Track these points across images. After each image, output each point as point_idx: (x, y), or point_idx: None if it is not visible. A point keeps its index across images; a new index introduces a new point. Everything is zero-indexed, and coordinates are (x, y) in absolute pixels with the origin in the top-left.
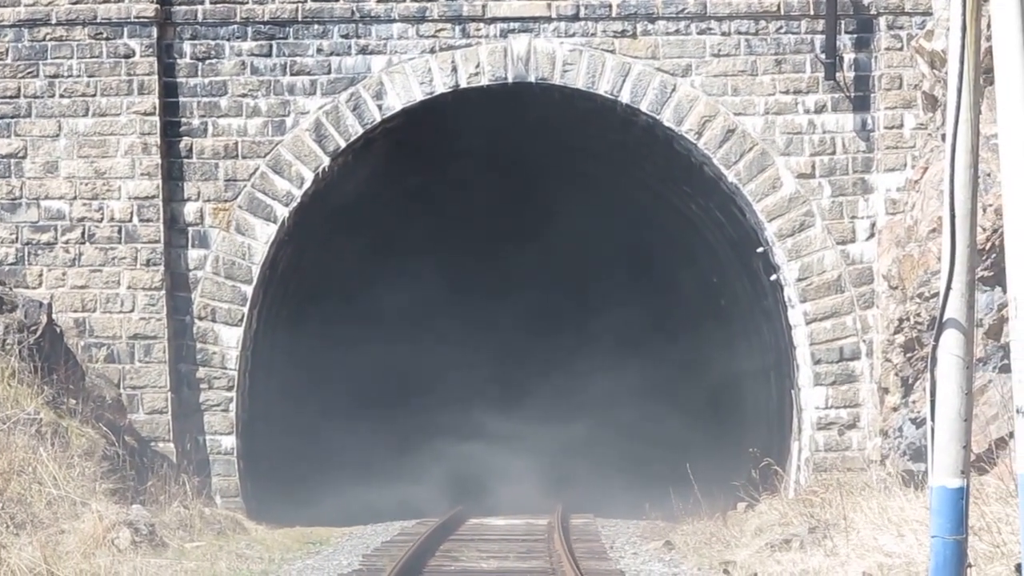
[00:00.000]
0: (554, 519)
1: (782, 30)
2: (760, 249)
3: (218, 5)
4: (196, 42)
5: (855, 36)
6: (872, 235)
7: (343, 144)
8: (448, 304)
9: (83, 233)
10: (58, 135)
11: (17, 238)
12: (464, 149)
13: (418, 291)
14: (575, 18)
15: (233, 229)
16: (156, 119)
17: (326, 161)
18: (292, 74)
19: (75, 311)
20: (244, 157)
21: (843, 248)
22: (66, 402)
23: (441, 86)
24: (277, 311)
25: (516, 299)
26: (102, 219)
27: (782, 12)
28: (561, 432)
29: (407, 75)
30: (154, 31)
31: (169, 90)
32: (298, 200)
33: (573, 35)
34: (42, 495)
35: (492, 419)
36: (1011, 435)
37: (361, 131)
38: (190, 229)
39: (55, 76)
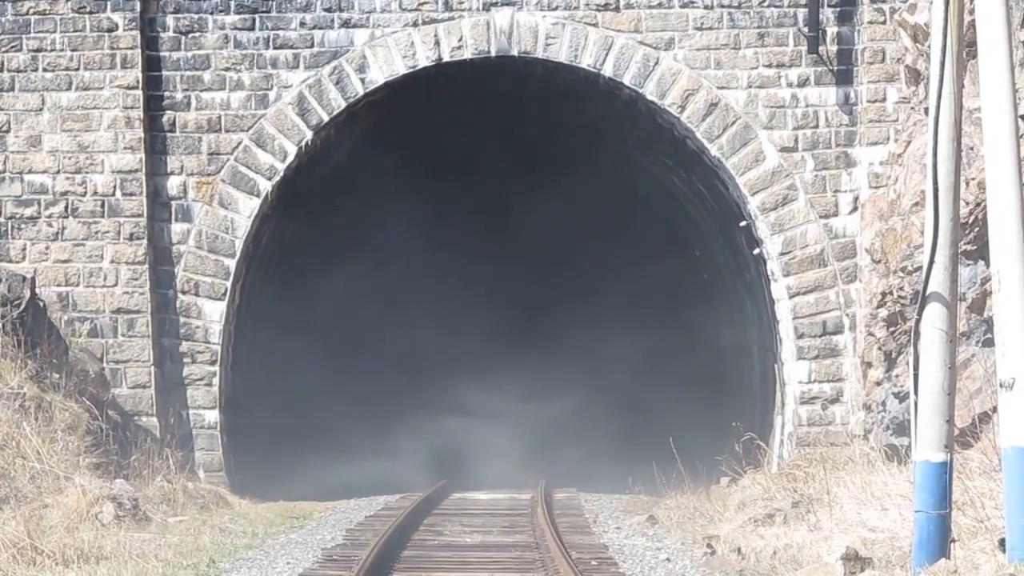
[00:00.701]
0: (537, 493)
1: (765, 3)
2: (743, 223)
3: None
4: (179, 16)
5: (838, 9)
6: (855, 209)
7: (326, 118)
8: (433, 279)
9: (66, 207)
10: (41, 109)
11: (0, 212)
12: (447, 123)
13: (403, 266)
14: None
15: (216, 203)
16: (139, 93)
17: (309, 135)
18: (275, 48)
19: (58, 285)
20: (227, 131)
21: (826, 222)
22: (49, 376)
23: (424, 60)
24: (261, 285)
25: (498, 274)
26: (85, 193)
27: None
28: (545, 406)
29: (390, 49)
30: (137, 5)
31: (152, 64)
32: (281, 174)
33: (556, 8)
34: (26, 469)
35: (476, 393)
36: (995, 409)
37: (344, 105)
38: (173, 203)
39: (38, 50)
